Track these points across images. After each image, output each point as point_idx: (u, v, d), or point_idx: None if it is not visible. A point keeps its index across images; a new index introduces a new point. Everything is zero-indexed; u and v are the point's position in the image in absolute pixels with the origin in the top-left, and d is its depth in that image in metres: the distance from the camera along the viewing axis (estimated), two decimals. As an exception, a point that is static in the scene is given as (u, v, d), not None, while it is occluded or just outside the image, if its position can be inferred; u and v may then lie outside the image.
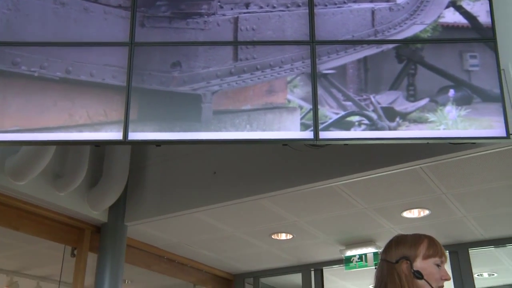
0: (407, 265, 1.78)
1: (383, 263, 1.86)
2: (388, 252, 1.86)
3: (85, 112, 3.06)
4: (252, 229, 5.01)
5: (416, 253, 1.80)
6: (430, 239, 1.85)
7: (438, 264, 1.79)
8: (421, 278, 1.75)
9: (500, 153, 3.50)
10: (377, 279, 1.86)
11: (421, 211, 4.54)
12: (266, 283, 6.64)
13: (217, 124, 3.14)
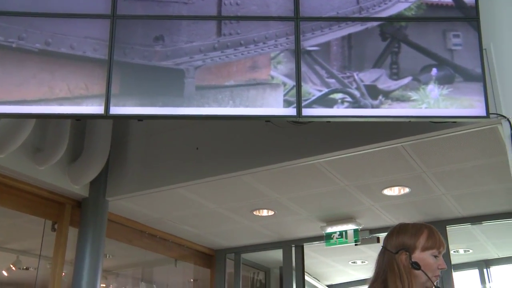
0: (406, 256, 1.89)
1: (384, 251, 1.97)
2: (389, 241, 1.98)
3: (66, 85, 3.01)
4: (234, 205, 5.03)
5: (415, 244, 1.91)
6: (429, 231, 1.95)
7: (435, 255, 1.90)
8: (418, 269, 1.87)
9: (480, 132, 3.54)
10: (378, 265, 1.96)
11: (401, 189, 4.59)
12: (247, 258, 6.70)
13: (200, 100, 3.11)
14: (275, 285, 7.08)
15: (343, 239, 5.46)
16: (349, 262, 6.95)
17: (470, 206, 4.97)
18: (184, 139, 4.54)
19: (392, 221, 5.43)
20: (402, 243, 1.93)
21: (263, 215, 5.29)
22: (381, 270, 1.93)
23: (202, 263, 6.44)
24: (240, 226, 5.63)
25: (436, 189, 4.55)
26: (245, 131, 4.26)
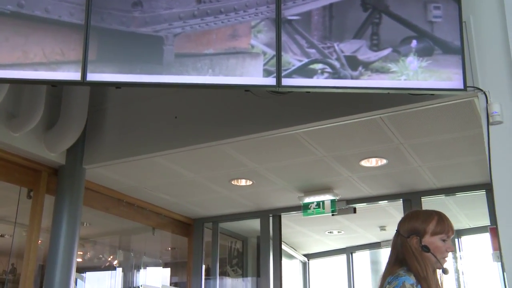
0: (416, 240, 2.15)
1: (397, 235, 2.23)
2: (402, 226, 2.25)
3: (41, 50, 2.94)
4: (212, 174, 5.04)
5: (425, 229, 2.16)
6: (439, 217, 2.20)
7: (444, 239, 2.16)
8: (428, 251, 2.13)
9: (457, 105, 3.58)
10: (394, 248, 2.23)
11: (379, 160, 4.65)
12: (225, 227, 6.76)
13: (179, 68, 3.08)
14: (252, 254, 7.17)
15: (320, 209, 5.53)
16: (325, 232, 7.06)
17: (445, 178, 5.06)
18: (162, 108, 4.50)
19: (368, 192, 5.51)
20: (413, 228, 2.18)
21: (241, 185, 5.32)
22: (399, 252, 2.18)
23: (180, 231, 6.47)
24: (218, 195, 5.65)
25: (413, 160, 4.61)
26: (224, 100, 4.24)
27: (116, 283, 5.57)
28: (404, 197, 5.53)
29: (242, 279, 7.10)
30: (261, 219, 6.30)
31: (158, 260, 6.25)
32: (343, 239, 7.40)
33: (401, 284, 2.02)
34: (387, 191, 5.51)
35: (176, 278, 6.49)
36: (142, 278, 5.84)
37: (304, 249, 8.08)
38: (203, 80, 3.11)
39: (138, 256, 5.94)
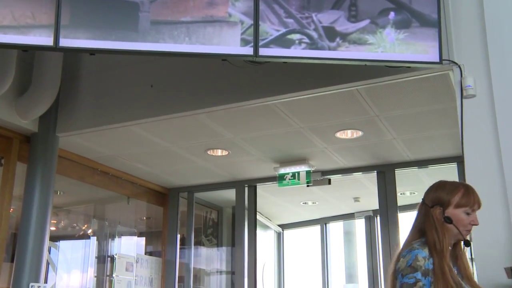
0: (439, 210, 2.15)
1: (422, 204, 2.23)
2: (427, 195, 2.24)
3: (9, 13, 2.85)
4: (188, 144, 5.02)
5: (450, 201, 2.16)
6: (466, 190, 2.19)
7: (468, 212, 2.15)
8: (450, 223, 2.13)
9: (432, 78, 3.61)
10: (417, 216, 2.24)
11: (354, 132, 4.68)
12: (200, 197, 6.77)
13: (155, 35, 3.03)
14: (227, 224, 7.22)
15: (296, 180, 5.57)
16: (300, 202, 7.13)
17: (418, 151, 5.14)
18: (138, 76, 4.43)
19: (343, 164, 5.56)
20: (438, 198, 2.18)
21: (217, 155, 5.31)
22: (421, 221, 2.19)
23: (155, 201, 6.47)
24: (194, 165, 5.64)
25: (388, 133, 4.66)
26: (200, 69, 4.20)
27: (90, 252, 5.57)
28: (378, 169, 5.60)
29: (217, 248, 7.16)
30: (236, 189, 6.32)
31: (133, 230, 6.25)
32: (318, 210, 7.49)
33: (413, 257, 2.02)
34: (361, 163, 5.57)
35: (151, 247, 6.51)
36: (117, 247, 5.84)
37: (278, 220, 8.16)
38: (180, 49, 3.07)
39: (113, 225, 5.93)
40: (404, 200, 6.26)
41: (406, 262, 2.02)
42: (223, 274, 7.13)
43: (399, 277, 2.01)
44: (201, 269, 6.98)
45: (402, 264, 2.03)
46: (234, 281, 6.25)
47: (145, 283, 6.01)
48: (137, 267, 5.93)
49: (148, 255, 6.27)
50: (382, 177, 5.59)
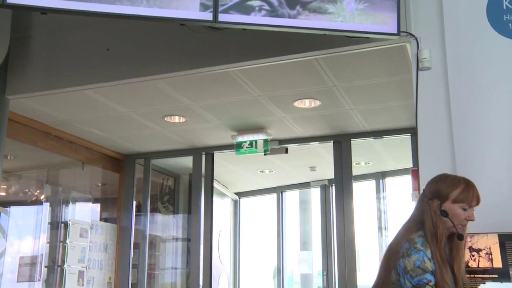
0: (437, 203, 2.26)
1: (423, 195, 2.34)
2: (428, 186, 2.35)
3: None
4: (145, 110, 4.94)
5: (449, 195, 2.25)
6: (466, 186, 2.27)
7: (465, 208, 2.25)
8: (446, 216, 2.23)
9: (390, 50, 3.65)
10: (417, 207, 2.35)
11: (312, 101, 4.71)
12: (157, 164, 6.72)
13: (111, -4, 2.93)
14: (184, 191, 7.21)
15: (253, 149, 5.58)
16: (257, 171, 7.19)
17: (374, 121, 5.23)
18: (93, 38, 4.30)
19: (301, 133, 5.61)
20: (437, 191, 2.28)
21: (175, 122, 5.26)
22: (420, 211, 2.31)
23: (111, 167, 6.38)
24: (151, 131, 5.58)
25: (345, 103, 4.71)
26: (158, 34, 4.10)
27: (43, 218, 5.46)
28: (335, 139, 5.68)
29: (173, 216, 7.17)
30: (193, 157, 6.30)
31: (88, 196, 6.16)
32: (274, 178, 7.57)
33: (421, 259, 2.14)
34: (318, 133, 5.63)
35: (106, 214, 6.45)
36: (71, 213, 5.75)
37: (235, 188, 8.21)
38: (137, 11, 2.99)
39: (67, 191, 5.82)
40: (359, 170, 6.40)
41: (413, 263, 2.15)
42: (179, 241, 7.15)
43: (408, 277, 2.14)
44: (157, 236, 6.98)
45: (410, 264, 2.16)
46: (190, 248, 6.29)
47: (99, 249, 5.97)
48: (92, 234, 5.87)
49: (103, 221, 6.21)
50: (338, 147, 5.67)
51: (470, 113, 3.10)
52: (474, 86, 3.12)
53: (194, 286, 5.99)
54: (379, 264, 2.38)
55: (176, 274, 7.06)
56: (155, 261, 6.91)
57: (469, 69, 3.15)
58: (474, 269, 2.72)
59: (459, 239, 2.29)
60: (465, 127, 3.11)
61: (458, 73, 3.18)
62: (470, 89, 3.13)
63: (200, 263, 6.01)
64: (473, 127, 3.08)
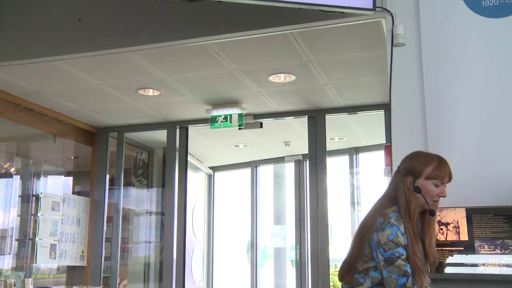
0: (410, 180, 2.31)
1: (397, 172, 2.40)
2: (403, 163, 2.40)
3: None
4: (118, 82, 4.87)
5: (422, 172, 2.30)
6: (439, 163, 2.32)
7: (437, 184, 2.30)
8: (419, 193, 2.29)
9: (365, 25, 3.65)
10: (392, 183, 2.40)
11: (287, 76, 4.70)
12: (130, 137, 6.66)
13: (82, -37, 2.85)
14: (157, 165, 7.18)
15: (228, 123, 5.57)
16: (232, 145, 7.18)
17: (348, 97, 5.25)
18: (65, 8, 4.20)
19: (275, 107, 5.61)
20: (411, 168, 2.33)
21: (149, 95, 5.20)
22: (394, 188, 2.36)
23: (83, 140, 6.29)
24: (124, 104, 5.51)
25: (320, 78, 4.72)
26: (132, 5, 4.03)
27: (13, 191, 5.38)
28: (309, 114, 5.70)
29: (147, 189, 7.14)
30: (167, 131, 6.26)
31: (60, 169, 6.07)
32: (249, 153, 7.58)
33: (394, 233, 2.20)
34: (293, 108, 5.64)
35: (79, 187, 6.39)
36: (42, 186, 5.68)
37: (210, 162, 8.20)
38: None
39: (38, 163, 5.72)
40: (333, 145, 6.45)
41: (387, 237, 2.20)
42: (153, 215, 7.15)
43: (380, 250, 2.20)
44: (130, 210, 6.96)
45: (383, 238, 2.21)
46: (163, 221, 6.29)
47: (72, 222, 5.92)
48: (64, 207, 5.81)
49: (75, 194, 6.15)
50: (312, 122, 5.70)
51: (443, 90, 3.14)
52: (448, 63, 3.15)
53: (167, 260, 6.01)
54: (352, 238, 2.42)
55: (150, 247, 7.07)
56: (129, 235, 6.90)
57: (443, 46, 3.18)
58: (442, 242, 2.79)
59: (431, 214, 2.34)
60: (437, 103, 3.15)
61: (432, 50, 3.20)
62: (444, 66, 3.16)
63: (173, 236, 6.03)
64: (446, 104, 3.12)
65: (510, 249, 2.69)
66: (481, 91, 3.06)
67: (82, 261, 6.01)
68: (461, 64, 3.12)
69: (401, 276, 2.16)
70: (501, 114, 2.99)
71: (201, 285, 7.89)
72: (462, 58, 3.13)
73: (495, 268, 2.70)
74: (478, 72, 3.09)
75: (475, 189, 2.90)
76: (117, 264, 6.11)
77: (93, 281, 5.97)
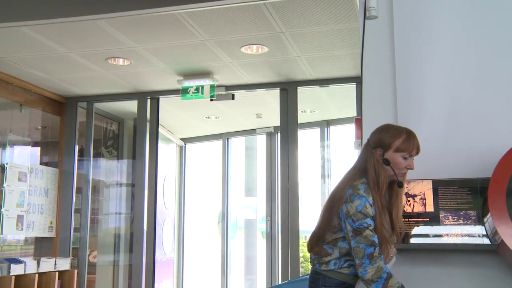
0: (380, 152, 2.34)
1: (367, 144, 2.41)
2: (372, 136, 2.41)
3: None
4: (86, 51, 4.76)
5: (391, 144, 2.33)
6: (407, 136, 2.35)
7: (405, 157, 2.34)
8: (388, 165, 2.32)
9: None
10: (361, 155, 2.42)
11: (260, 47, 4.67)
12: (100, 108, 6.55)
13: None
14: (128, 136, 7.10)
15: (199, 94, 5.53)
16: (203, 117, 7.14)
17: (320, 69, 5.26)
18: (30, -28, 4.05)
19: (248, 79, 5.58)
20: (380, 140, 2.35)
21: (119, 64, 5.10)
22: (363, 160, 2.38)
23: (51, 110, 6.16)
24: (94, 74, 5.39)
25: (292, 50, 4.70)
26: (101, -30, 3.91)
27: (-22, 161, 5.27)
28: (281, 86, 5.69)
29: (117, 161, 7.07)
30: (138, 101, 6.18)
31: (27, 139, 5.95)
32: (220, 125, 7.56)
33: (363, 204, 2.24)
34: (265, 80, 5.62)
35: (47, 157, 6.28)
36: (8, 157, 5.56)
37: (181, 133, 8.16)
38: None
39: (3, 133, 5.59)
40: (304, 118, 6.47)
41: (356, 208, 2.24)
42: (123, 186, 7.10)
43: (349, 221, 2.24)
44: (100, 181, 6.89)
45: (352, 209, 2.24)
46: (134, 193, 6.26)
47: (40, 193, 5.84)
48: (31, 177, 5.72)
49: (43, 165, 6.05)
50: (284, 94, 5.69)
51: (413, 64, 3.16)
52: (419, 37, 3.16)
53: (138, 231, 6.01)
54: (322, 210, 2.45)
55: (120, 219, 7.04)
56: (99, 206, 6.86)
57: (415, 20, 3.18)
58: (409, 214, 2.84)
59: (399, 186, 2.39)
60: (408, 77, 3.16)
61: (404, 24, 3.20)
62: (415, 40, 3.17)
63: (144, 208, 6.01)
64: (416, 77, 3.14)
65: (472, 220, 2.77)
66: (452, 65, 3.09)
67: (50, 232, 5.95)
68: (432, 38, 3.14)
69: (368, 246, 2.20)
70: (470, 89, 3.03)
71: (171, 256, 7.92)
72: (434, 32, 3.14)
73: (457, 238, 2.77)
74: (450, 46, 3.11)
75: (442, 162, 2.95)
76: (86, 235, 6.07)
77: (62, 252, 5.93)
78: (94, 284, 6.43)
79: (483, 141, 2.91)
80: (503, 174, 2.59)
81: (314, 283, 2.40)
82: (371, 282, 2.18)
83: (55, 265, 5.55)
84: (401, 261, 2.85)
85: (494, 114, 2.96)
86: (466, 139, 2.97)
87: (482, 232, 2.74)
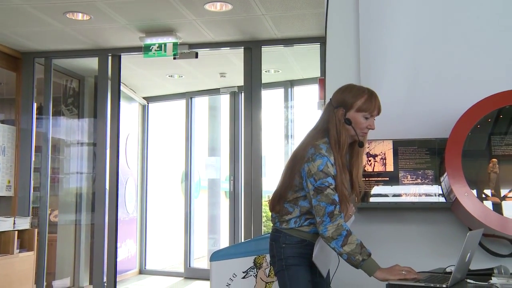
0: (342, 112, 2.36)
1: (329, 104, 2.43)
2: (335, 96, 2.43)
3: None
4: (43, 3, 4.56)
5: (353, 104, 2.35)
6: (369, 96, 2.36)
7: (367, 117, 2.36)
8: (349, 124, 2.35)
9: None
10: (323, 115, 2.44)
11: (224, 5, 4.57)
12: (59, 64, 6.36)
13: None
14: (89, 94, 6.94)
15: (162, 52, 5.41)
16: (166, 75, 7.03)
17: (285, 29, 5.20)
18: None
19: (211, 38, 5.49)
20: (342, 100, 2.37)
21: (78, 19, 4.92)
22: (325, 120, 2.40)
23: (6, 65, 5.93)
24: (51, 28, 5.19)
25: (257, 8, 4.62)
26: None
27: None
28: (245, 45, 5.62)
29: (77, 119, 6.93)
30: (99, 58, 6.01)
31: (-19, 96, 5.76)
32: (184, 84, 7.46)
33: (325, 163, 2.26)
34: (229, 38, 5.54)
35: (3, 115, 6.09)
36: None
37: (143, 92, 8.02)
38: None
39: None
40: (268, 78, 6.44)
41: (317, 167, 2.26)
42: (85, 145, 6.99)
43: (311, 180, 2.27)
44: (60, 140, 6.76)
45: (313, 168, 2.26)
46: (96, 152, 6.17)
47: (-4, 152, 5.69)
48: (-13, 135, 5.55)
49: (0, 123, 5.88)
50: (248, 53, 5.64)
51: (377, 24, 3.16)
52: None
53: (100, 190, 5.95)
54: (284, 169, 2.46)
55: (82, 178, 6.95)
56: (59, 165, 6.74)
57: (380, -20, 3.16)
58: (369, 173, 2.90)
59: (360, 146, 2.42)
60: (371, 38, 3.17)
61: (369, -17, 3.19)
62: (379, 1, 3.16)
63: (106, 167, 5.94)
64: (379, 38, 3.15)
65: (429, 179, 2.85)
66: (414, 28, 3.11)
67: (8, 191, 5.83)
68: (396, 1, 3.14)
69: (329, 204, 2.24)
70: (431, 54, 3.06)
71: (134, 215, 7.91)
72: (397, -6, 3.14)
73: (415, 197, 2.86)
74: (412, 9, 3.12)
75: (403, 123, 3.01)
76: (46, 195, 5.97)
77: (21, 211, 5.83)
78: (56, 243, 6.39)
79: (442, 103, 2.97)
80: (460, 135, 2.66)
81: (275, 241, 2.43)
82: (331, 239, 2.22)
83: (14, 224, 5.46)
84: (360, 219, 2.92)
85: (452, 79, 3.01)
86: (426, 101, 3.02)
87: (438, 191, 2.82)
